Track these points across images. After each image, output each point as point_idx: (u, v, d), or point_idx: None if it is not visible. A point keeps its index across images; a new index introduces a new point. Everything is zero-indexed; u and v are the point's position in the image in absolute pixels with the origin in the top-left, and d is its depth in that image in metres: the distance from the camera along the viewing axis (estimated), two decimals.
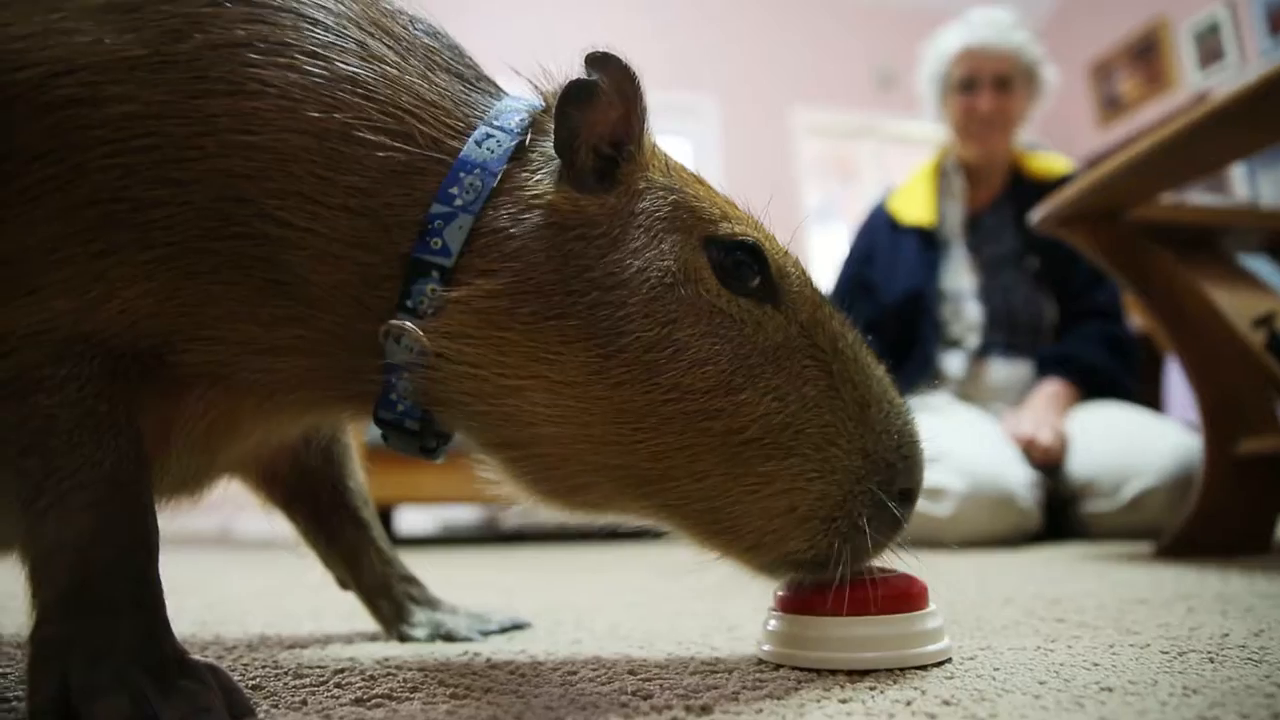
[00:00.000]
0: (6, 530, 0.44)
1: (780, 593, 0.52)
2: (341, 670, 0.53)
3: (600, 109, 0.47)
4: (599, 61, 0.47)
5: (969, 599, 0.80)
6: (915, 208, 2.01)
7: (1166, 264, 1.19)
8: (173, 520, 0.52)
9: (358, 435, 0.73)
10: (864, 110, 4.98)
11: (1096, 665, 0.48)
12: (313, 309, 0.45)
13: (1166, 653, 0.51)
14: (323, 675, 0.52)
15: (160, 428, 0.49)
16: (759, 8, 4.92)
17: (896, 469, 0.48)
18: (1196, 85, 4.03)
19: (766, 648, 0.52)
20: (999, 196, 1.99)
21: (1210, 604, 0.70)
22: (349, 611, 0.85)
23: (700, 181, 0.51)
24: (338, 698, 0.46)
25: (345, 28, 0.47)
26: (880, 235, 2.05)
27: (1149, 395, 2.53)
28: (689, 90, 4.65)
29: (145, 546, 0.42)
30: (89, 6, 0.43)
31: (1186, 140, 1.00)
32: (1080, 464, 1.61)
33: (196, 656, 0.42)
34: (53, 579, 0.40)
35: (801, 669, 0.49)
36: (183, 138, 0.42)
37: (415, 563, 0.76)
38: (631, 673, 0.50)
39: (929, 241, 1.98)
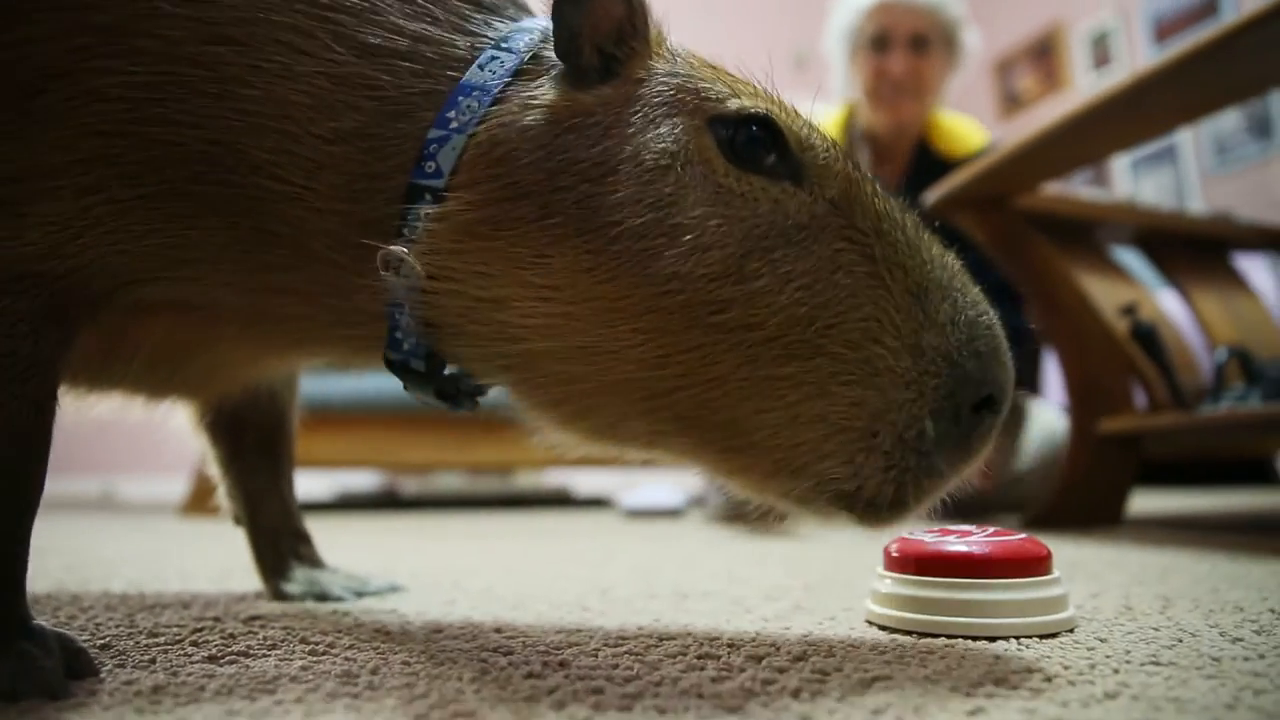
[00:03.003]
0: None
1: (894, 553, 0.51)
2: (200, 629, 0.52)
3: (601, 6, 0.44)
4: None
5: (846, 563, 0.83)
6: None
7: (1045, 252, 1.25)
8: (51, 481, 0.50)
9: None
10: (780, 91, 5.02)
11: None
12: (304, 257, 0.44)
13: None
14: (179, 634, 0.50)
15: (115, 344, 0.48)
16: None
17: (965, 369, 0.40)
18: (1089, 86, 4.23)
19: (879, 610, 0.50)
20: (902, 174, 1.77)
21: (1060, 570, 0.75)
22: (220, 573, 0.83)
23: (713, 66, 0.47)
24: (190, 656, 0.44)
25: None
26: None
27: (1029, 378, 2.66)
28: None
29: (25, 501, 0.41)
30: None
31: (1066, 133, 1.05)
32: None
33: (42, 621, 0.40)
34: None
35: (900, 632, 0.48)
36: (189, 81, 0.41)
37: (308, 527, 0.74)
38: (498, 630, 0.50)
39: None
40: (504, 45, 0.46)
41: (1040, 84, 4.53)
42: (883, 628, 0.50)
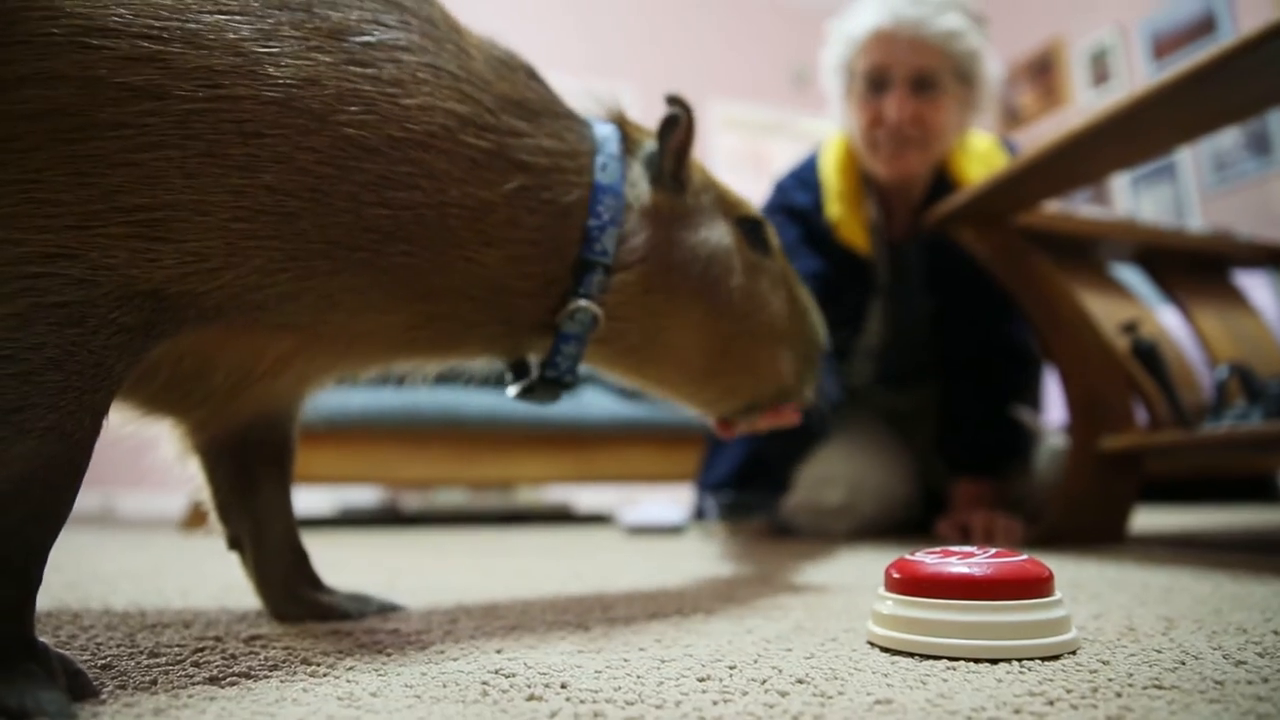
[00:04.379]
0: None
1: (896, 574, 0.51)
2: (201, 649, 0.52)
3: (678, 133, 0.67)
4: (677, 101, 0.67)
5: (847, 583, 0.83)
6: (850, 225, 1.46)
7: (1046, 269, 1.25)
8: None
9: None
10: (779, 107, 5.06)
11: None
12: (460, 300, 0.57)
13: None
14: (180, 654, 0.50)
15: (200, 360, 0.53)
16: None
17: (821, 345, 0.81)
18: (1088, 103, 4.25)
19: (881, 632, 0.50)
20: (917, 214, 1.49)
21: (1062, 590, 0.75)
22: (220, 590, 0.83)
23: (711, 176, 0.73)
24: (191, 677, 0.44)
25: (505, 119, 0.57)
26: (818, 239, 1.47)
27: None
28: (608, 77, 4.64)
29: (56, 519, 0.41)
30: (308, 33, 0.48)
31: (1065, 153, 1.06)
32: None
33: (45, 639, 0.40)
34: None
35: (910, 654, 0.47)
36: (385, 177, 0.49)
37: (309, 542, 0.74)
38: (499, 651, 0.50)
39: (863, 277, 1.49)
40: (606, 151, 0.64)
41: (1040, 100, 4.56)
42: (884, 649, 0.50)
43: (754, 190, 1.44)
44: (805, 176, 1.55)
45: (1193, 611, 0.61)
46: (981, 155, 1.51)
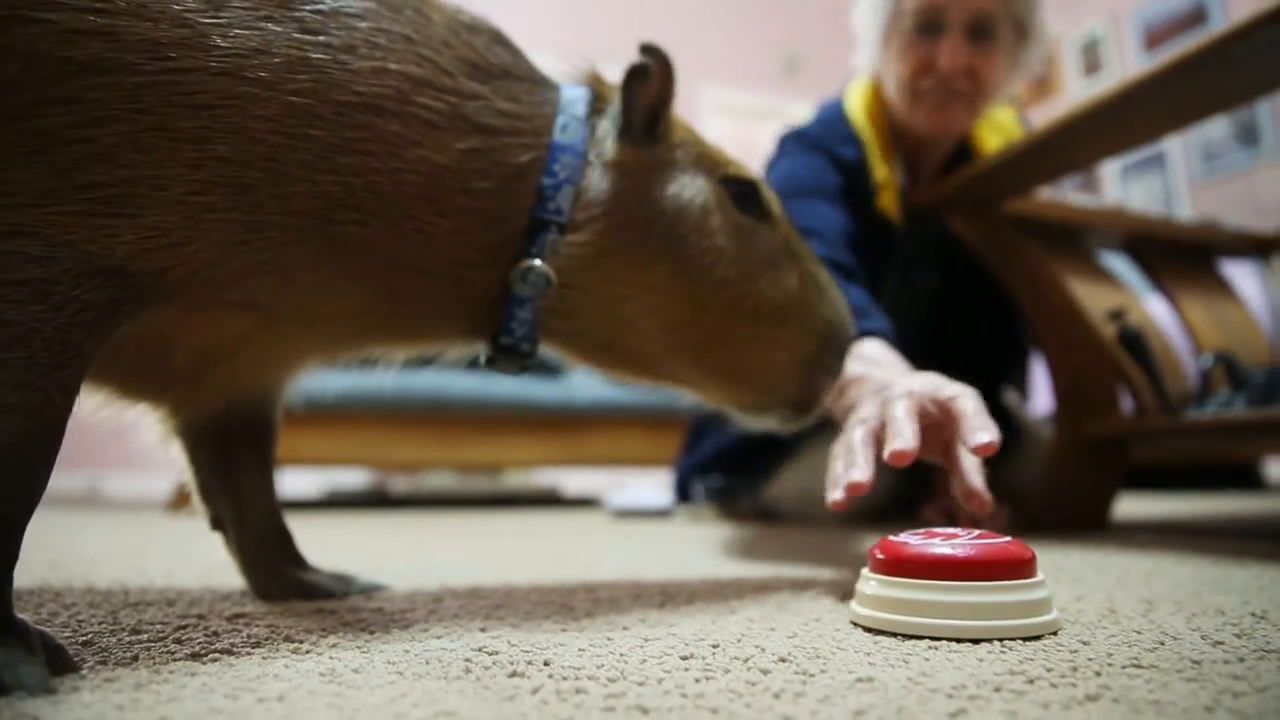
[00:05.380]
0: None
1: (879, 555, 0.51)
2: (184, 626, 0.52)
3: (648, 85, 0.62)
4: (650, 51, 0.62)
5: (832, 565, 0.83)
6: (889, 189, 1.33)
7: (1034, 256, 1.25)
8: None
9: None
10: (770, 93, 5.05)
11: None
12: (410, 272, 0.54)
13: None
14: (163, 631, 0.50)
15: (165, 339, 0.53)
16: None
17: (842, 330, 0.70)
18: (1079, 93, 4.26)
19: (864, 612, 0.50)
20: (935, 179, 1.40)
21: (1044, 573, 0.75)
22: (205, 570, 0.83)
23: (699, 136, 0.68)
24: (173, 653, 0.44)
25: (464, 82, 0.56)
26: (859, 199, 1.31)
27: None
28: (597, 62, 4.62)
29: (30, 494, 0.41)
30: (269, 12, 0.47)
31: (1055, 139, 1.06)
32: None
33: (24, 616, 0.40)
34: None
35: (893, 634, 0.48)
36: (336, 144, 0.49)
37: (296, 525, 0.73)
38: (483, 630, 0.50)
39: (888, 247, 1.36)
40: (570, 112, 0.61)
41: (1031, 90, 4.56)
42: (867, 629, 0.50)
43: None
44: (841, 129, 1.38)
45: (1173, 594, 0.62)
46: (1001, 126, 1.45)
